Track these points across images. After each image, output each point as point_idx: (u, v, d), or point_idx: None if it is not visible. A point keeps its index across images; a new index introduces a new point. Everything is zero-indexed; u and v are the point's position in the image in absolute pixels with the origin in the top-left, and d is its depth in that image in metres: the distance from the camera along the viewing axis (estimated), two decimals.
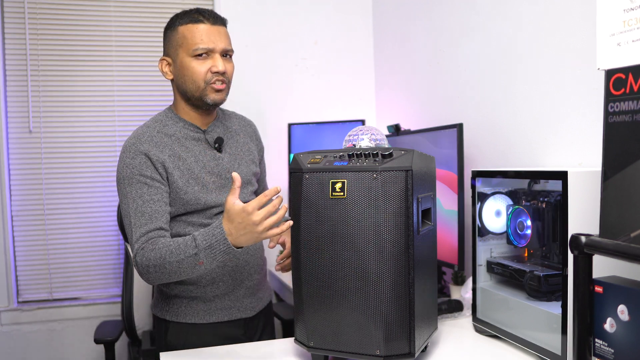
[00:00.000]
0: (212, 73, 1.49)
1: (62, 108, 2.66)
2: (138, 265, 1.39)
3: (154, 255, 1.35)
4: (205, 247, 1.30)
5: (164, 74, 1.56)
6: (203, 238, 1.31)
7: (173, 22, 1.53)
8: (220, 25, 1.53)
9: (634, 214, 0.88)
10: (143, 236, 1.41)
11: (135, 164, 1.45)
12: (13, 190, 2.62)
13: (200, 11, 1.51)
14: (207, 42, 1.48)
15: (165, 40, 1.56)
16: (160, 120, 1.56)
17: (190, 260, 1.31)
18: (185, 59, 1.49)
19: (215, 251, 1.30)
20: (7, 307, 2.60)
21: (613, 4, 0.94)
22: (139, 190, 1.44)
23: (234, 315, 1.59)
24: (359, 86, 3.00)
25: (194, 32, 1.48)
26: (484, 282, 1.55)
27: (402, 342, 1.18)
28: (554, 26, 1.63)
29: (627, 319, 0.95)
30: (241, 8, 2.83)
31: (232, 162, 1.59)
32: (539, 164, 1.70)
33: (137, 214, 1.42)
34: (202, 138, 1.56)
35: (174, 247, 1.34)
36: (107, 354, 2.09)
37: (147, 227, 1.42)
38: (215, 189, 1.53)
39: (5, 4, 2.58)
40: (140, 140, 1.49)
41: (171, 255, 1.33)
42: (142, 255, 1.38)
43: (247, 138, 1.70)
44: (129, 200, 1.44)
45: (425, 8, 2.38)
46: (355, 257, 1.18)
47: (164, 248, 1.35)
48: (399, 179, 1.17)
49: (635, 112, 0.89)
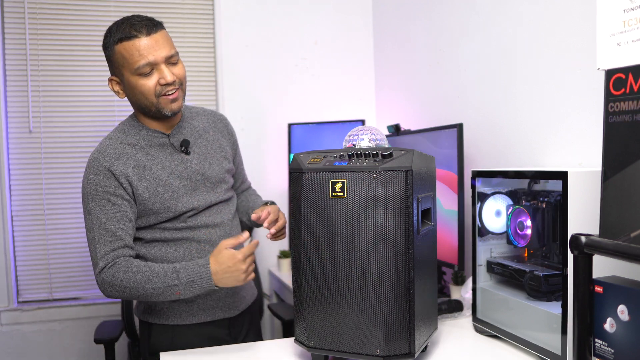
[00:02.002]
0: (161, 86, 1.43)
1: (62, 108, 2.66)
2: (103, 283, 1.41)
3: (127, 277, 1.39)
4: (187, 282, 1.37)
5: (116, 94, 1.50)
6: (187, 273, 1.37)
7: (108, 40, 1.45)
8: (156, 32, 1.43)
9: (634, 214, 0.88)
10: (108, 254, 1.41)
11: (98, 180, 1.43)
12: (13, 190, 2.62)
13: (131, 24, 1.42)
14: (147, 57, 1.40)
15: (107, 59, 1.48)
16: (123, 130, 1.52)
17: (168, 289, 1.37)
18: (131, 78, 1.43)
19: (195, 287, 1.37)
20: (7, 307, 2.60)
21: (613, 4, 0.94)
22: (102, 207, 1.43)
23: (217, 315, 1.57)
24: (359, 86, 3.00)
25: (131, 51, 1.40)
26: (484, 282, 1.55)
27: (402, 342, 1.18)
28: (554, 26, 1.63)
29: (627, 319, 0.95)
30: (241, 8, 2.84)
31: (201, 162, 1.55)
32: (539, 164, 1.70)
33: (100, 231, 1.42)
34: (166, 143, 1.52)
35: (151, 274, 1.38)
36: (107, 354, 2.09)
37: (112, 246, 1.42)
38: (185, 193, 1.50)
39: (5, 4, 2.58)
40: (102, 155, 1.45)
41: (147, 281, 1.37)
42: (110, 274, 1.40)
43: (218, 134, 1.65)
44: (92, 217, 1.43)
45: (425, 8, 2.38)
46: (355, 257, 1.18)
47: (138, 273, 1.38)
48: (399, 179, 1.17)
49: (635, 112, 0.89)
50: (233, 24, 2.84)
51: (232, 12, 2.82)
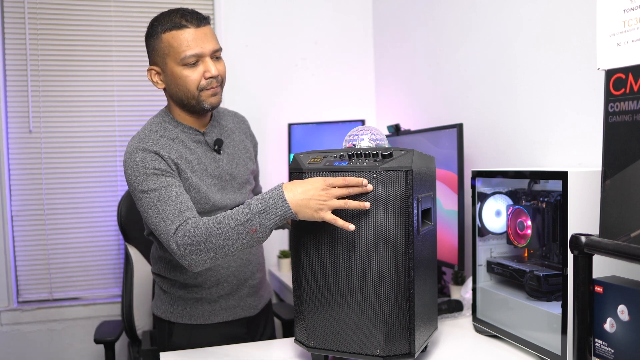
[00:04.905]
0: (205, 79, 1.44)
1: (62, 108, 2.66)
2: (178, 247, 1.27)
3: (198, 231, 1.25)
4: (260, 211, 1.20)
5: (154, 84, 1.50)
6: (258, 202, 1.21)
7: (155, 29, 1.45)
8: (205, 25, 1.45)
9: (634, 214, 0.88)
10: (176, 217, 1.31)
11: (146, 161, 1.39)
12: (13, 190, 2.62)
13: (181, 14, 1.43)
14: (195, 49, 1.41)
15: (149, 49, 1.49)
16: (159, 124, 1.52)
17: (241, 228, 1.20)
18: (176, 68, 1.43)
19: (270, 215, 1.19)
20: (7, 307, 2.60)
21: (613, 4, 0.94)
22: (156, 181, 1.36)
23: (238, 315, 1.60)
24: (359, 86, 3.00)
25: (180, 40, 1.41)
26: (484, 282, 1.55)
27: (402, 342, 1.19)
28: (554, 26, 1.63)
29: (627, 319, 0.95)
30: (241, 8, 2.84)
31: (230, 163, 1.58)
32: (539, 164, 1.70)
33: (162, 201, 1.34)
34: (202, 140, 1.54)
35: (223, 218, 1.23)
36: (107, 354, 2.09)
37: (178, 208, 1.33)
38: (217, 190, 1.53)
39: (5, 4, 2.58)
40: (146, 142, 1.44)
41: (219, 226, 1.22)
42: (183, 234, 1.27)
43: (243, 135, 1.68)
44: (149, 193, 1.36)
45: (425, 8, 2.37)
46: (355, 257, 1.18)
47: (209, 222, 1.25)
48: (399, 179, 1.17)
49: (635, 112, 0.89)
50: (233, 24, 2.83)
51: (232, 12, 2.82)
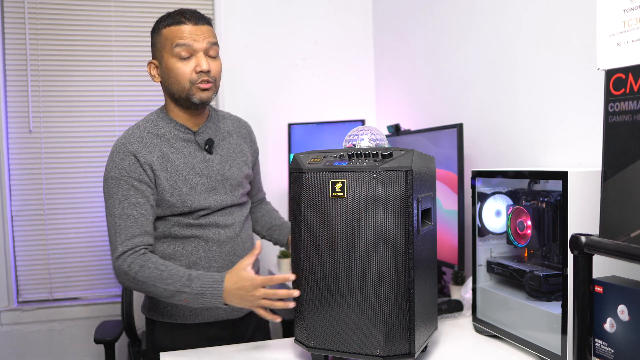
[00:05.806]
0: (196, 73, 1.48)
1: (62, 108, 2.66)
2: (119, 270, 1.43)
3: (142, 271, 1.40)
4: (197, 293, 1.37)
5: (152, 77, 1.56)
6: (199, 284, 1.37)
7: (157, 26, 1.52)
8: (203, 24, 1.50)
9: (634, 214, 0.88)
10: (128, 240, 1.43)
11: (124, 165, 1.46)
12: (13, 190, 2.62)
13: (182, 12, 1.49)
14: (186, 40, 1.46)
15: (151, 44, 1.55)
16: (151, 120, 1.55)
17: (177, 294, 1.38)
18: (170, 60, 1.48)
19: (204, 300, 1.37)
20: (7, 307, 2.60)
21: (613, 4, 0.94)
22: (125, 192, 1.45)
23: (220, 316, 1.58)
24: (359, 86, 3.00)
25: (175, 33, 1.47)
26: (484, 282, 1.55)
27: (402, 342, 1.18)
28: (554, 26, 1.63)
29: (627, 319, 0.95)
30: (241, 8, 2.84)
31: (223, 164, 1.58)
32: (539, 164, 1.70)
33: (122, 215, 1.44)
34: (192, 139, 1.55)
35: (166, 275, 1.39)
36: (107, 354, 2.09)
37: (132, 232, 1.43)
38: (204, 190, 1.52)
39: (5, 4, 2.58)
40: (130, 141, 1.48)
41: (160, 281, 1.39)
42: (127, 264, 1.41)
43: (241, 139, 1.68)
44: (114, 201, 1.45)
45: (425, 8, 2.38)
46: (355, 257, 1.18)
47: (154, 270, 1.40)
48: (399, 179, 1.17)
49: (635, 112, 0.89)
50: (233, 24, 2.84)
51: (232, 12, 2.82)
